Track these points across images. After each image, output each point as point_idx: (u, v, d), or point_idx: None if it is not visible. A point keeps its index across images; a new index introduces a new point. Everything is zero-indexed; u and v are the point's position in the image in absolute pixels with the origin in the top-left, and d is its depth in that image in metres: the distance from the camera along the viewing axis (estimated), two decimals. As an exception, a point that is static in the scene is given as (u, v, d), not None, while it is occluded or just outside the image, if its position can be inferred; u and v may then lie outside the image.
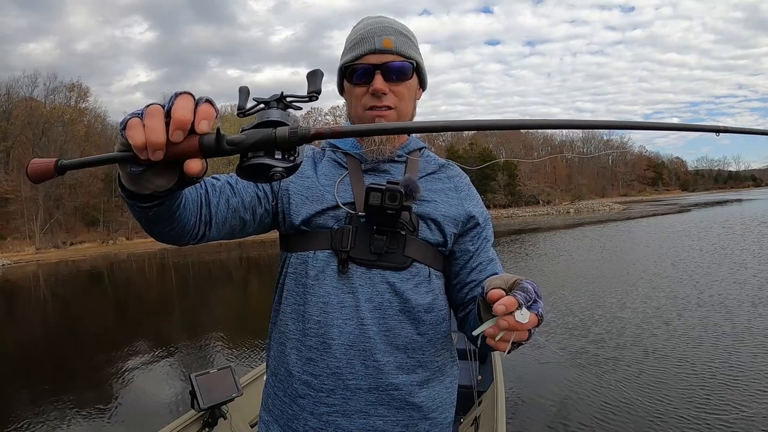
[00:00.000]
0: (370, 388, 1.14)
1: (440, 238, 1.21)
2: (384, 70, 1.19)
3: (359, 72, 1.21)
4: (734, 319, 7.71)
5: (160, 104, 0.66)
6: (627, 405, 5.06)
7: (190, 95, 0.66)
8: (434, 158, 1.36)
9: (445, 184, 1.29)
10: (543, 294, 0.87)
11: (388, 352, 1.15)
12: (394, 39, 1.21)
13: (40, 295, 20.20)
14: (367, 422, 1.14)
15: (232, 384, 3.23)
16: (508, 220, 51.93)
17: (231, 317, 10.14)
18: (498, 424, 2.98)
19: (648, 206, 62.46)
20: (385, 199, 1.10)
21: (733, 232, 21.41)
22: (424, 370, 1.19)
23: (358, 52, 1.20)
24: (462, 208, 1.26)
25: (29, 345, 10.39)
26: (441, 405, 1.23)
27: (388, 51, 1.20)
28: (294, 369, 1.18)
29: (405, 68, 1.21)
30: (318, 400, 1.15)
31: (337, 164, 1.28)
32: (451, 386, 1.28)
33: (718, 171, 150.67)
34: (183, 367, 7.52)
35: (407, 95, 1.24)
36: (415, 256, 1.18)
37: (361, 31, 1.23)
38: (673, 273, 12.52)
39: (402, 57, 1.21)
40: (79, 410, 6.02)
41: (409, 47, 1.24)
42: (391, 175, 1.25)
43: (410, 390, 1.16)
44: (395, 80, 1.21)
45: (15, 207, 46.79)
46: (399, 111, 1.23)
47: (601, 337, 7.44)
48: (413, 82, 1.26)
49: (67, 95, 56.80)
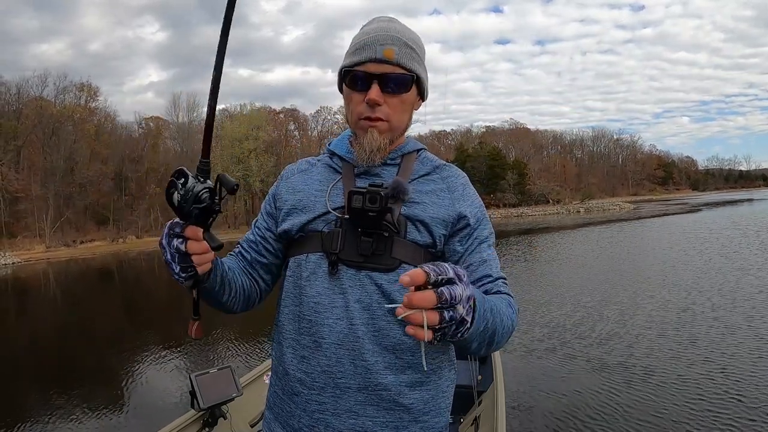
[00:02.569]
0: (360, 387, 1.15)
1: (429, 239, 1.20)
2: (382, 81, 1.19)
3: (357, 79, 1.21)
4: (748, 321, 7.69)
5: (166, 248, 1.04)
6: (627, 405, 5.05)
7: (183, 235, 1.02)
8: (431, 160, 1.34)
9: (437, 185, 1.28)
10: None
11: (376, 353, 1.15)
12: (397, 50, 1.20)
13: (50, 293, 20.37)
14: (356, 422, 1.14)
15: (232, 384, 3.22)
16: (518, 220, 51.85)
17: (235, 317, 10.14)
18: (498, 424, 2.97)
19: (658, 206, 62.17)
20: (366, 201, 1.11)
21: (746, 234, 21.27)
22: (414, 371, 1.17)
23: (359, 58, 1.20)
24: (452, 209, 1.23)
25: (37, 342, 10.50)
26: (434, 409, 1.21)
27: (389, 62, 1.19)
28: (290, 367, 1.22)
29: (403, 80, 1.21)
30: (310, 397, 1.17)
31: (333, 169, 1.32)
32: (447, 390, 1.26)
33: (729, 170, 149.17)
34: (183, 367, 7.56)
35: (402, 108, 1.24)
36: (403, 258, 1.18)
37: (365, 36, 1.23)
38: (684, 276, 12.47)
39: (402, 69, 1.20)
40: (80, 408, 6.07)
41: (411, 59, 1.22)
42: (382, 179, 1.25)
43: (399, 391, 1.15)
44: (392, 92, 1.21)
45: (25, 205, 47.12)
46: (392, 123, 1.23)
47: (603, 338, 7.42)
48: (411, 95, 1.25)
49: (77, 95, 57.05)
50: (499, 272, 1.23)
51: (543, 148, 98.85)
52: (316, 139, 74.23)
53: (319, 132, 76.46)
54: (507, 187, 68.99)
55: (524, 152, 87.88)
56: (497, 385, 3.61)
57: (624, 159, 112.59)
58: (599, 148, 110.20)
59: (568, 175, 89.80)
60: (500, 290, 1.19)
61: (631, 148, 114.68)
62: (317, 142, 73.25)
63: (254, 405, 3.52)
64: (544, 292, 11.26)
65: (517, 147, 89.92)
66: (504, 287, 1.20)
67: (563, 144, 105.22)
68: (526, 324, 8.37)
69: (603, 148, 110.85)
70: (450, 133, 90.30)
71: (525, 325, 8.33)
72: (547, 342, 7.42)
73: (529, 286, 12.13)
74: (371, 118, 1.21)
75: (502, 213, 61.77)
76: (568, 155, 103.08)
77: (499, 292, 1.18)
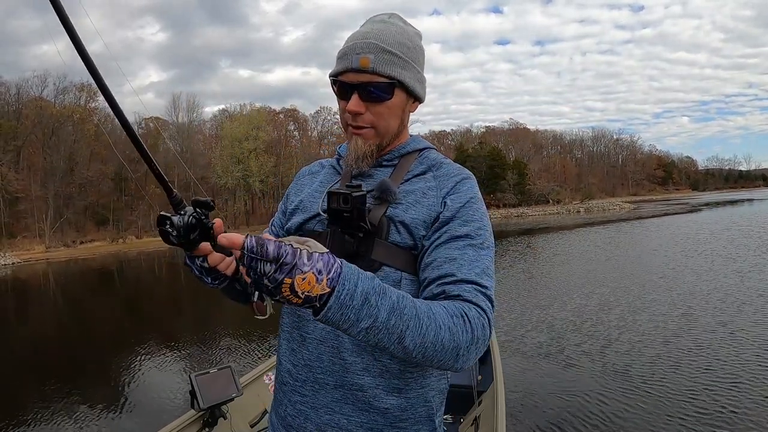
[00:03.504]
0: (336, 385, 1.16)
1: (410, 241, 1.17)
2: (361, 89, 1.18)
3: (339, 88, 1.22)
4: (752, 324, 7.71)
5: None
6: (627, 404, 5.05)
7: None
8: (432, 159, 1.31)
9: (427, 183, 1.24)
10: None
11: (355, 353, 1.15)
12: (372, 57, 1.17)
13: (50, 293, 20.36)
14: (332, 418, 1.16)
15: (232, 384, 3.22)
16: (518, 220, 51.84)
17: (235, 317, 10.15)
18: (498, 424, 2.96)
19: (659, 206, 62.18)
20: (339, 201, 1.13)
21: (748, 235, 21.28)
22: (393, 377, 1.16)
23: (339, 68, 1.20)
24: (435, 209, 1.19)
25: (37, 342, 10.48)
26: (412, 417, 1.18)
27: (365, 70, 1.17)
28: (283, 358, 1.28)
29: (381, 88, 1.19)
30: (294, 388, 1.22)
31: (336, 171, 1.37)
32: (432, 400, 1.22)
33: (729, 170, 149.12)
34: (183, 367, 7.56)
35: (388, 113, 1.22)
36: (383, 260, 1.17)
37: (348, 43, 1.21)
38: (685, 278, 12.49)
39: (381, 76, 1.17)
40: (81, 408, 6.08)
41: (391, 64, 1.19)
42: (375, 180, 1.25)
43: (375, 393, 1.15)
44: (373, 100, 1.19)
45: (25, 206, 47.13)
46: (378, 129, 1.23)
47: (604, 338, 7.42)
48: (395, 101, 1.22)
49: (77, 95, 56.97)
50: (472, 276, 1.08)
51: (543, 148, 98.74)
52: (315, 140, 74.23)
53: (318, 132, 76.44)
54: (507, 187, 69.00)
55: (524, 152, 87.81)
56: (497, 385, 3.60)
57: (624, 159, 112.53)
58: (599, 148, 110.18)
59: (568, 175, 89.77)
60: (461, 295, 1.04)
61: (630, 148, 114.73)
62: (317, 142, 73.26)
63: (254, 405, 3.52)
64: (545, 292, 11.29)
65: (516, 147, 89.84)
66: (470, 294, 1.04)
67: (563, 144, 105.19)
68: (526, 324, 8.38)
69: (603, 148, 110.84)
70: (450, 133, 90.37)
71: (525, 325, 8.34)
72: (548, 342, 7.42)
73: (530, 287, 12.15)
74: (354, 125, 1.22)
75: (502, 213, 61.80)
76: (568, 155, 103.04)
77: (459, 297, 1.04)
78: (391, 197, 1.18)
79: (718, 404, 4.91)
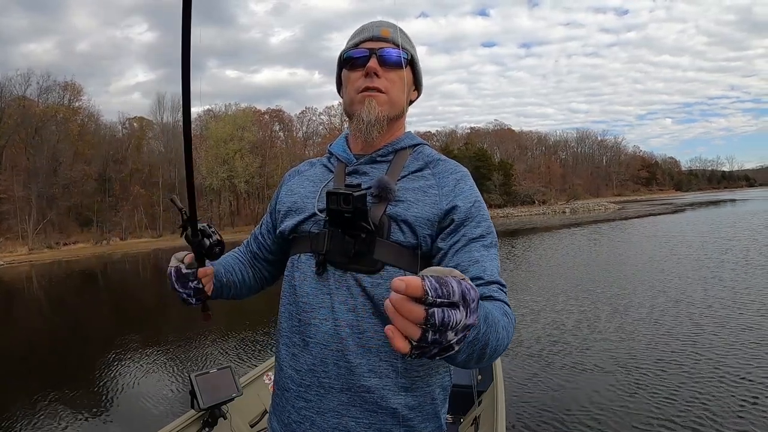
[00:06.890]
0: (342, 388, 1.15)
1: (413, 240, 1.17)
2: (379, 55, 1.25)
3: (356, 55, 1.27)
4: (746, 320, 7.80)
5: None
6: (627, 404, 5.08)
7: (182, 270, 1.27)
8: (427, 155, 1.32)
9: (427, 181, 1.24)
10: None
11: (360, 355, 1.15)
12: (392, 31, 1.27)
13: (34, 295, 20.09)
14: (339, 422, 1.15)
15: (232, 384, 3.20)
16: (504, 220, 51.95)
17: (231, 317, 10.10)
18: (498, 423, 2.97)
19: (643, 206, 62.70)
20: (340, 202, 1.11)
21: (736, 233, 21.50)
22: (399, 375, 1.16)
23: (358, 39, 1.28)
24: (440, 206, 1.19)
25: (24, 346, 10.32)
26: (420, 414, 1.18)
27: (385, 39, 1.26)
28: (283, 363, 1.26)
29: (399, 56, 1.25)
30: (298, 394, 1.20)
31: (328, 169, 1.37)
32: (438, 397, 1.22)
33: (712, 171, 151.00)
34: (183, 367, 7.50)
35: (399, 84, 1.28)
36: (385, 260, 1.16)
37: (365, 24, 1.32)
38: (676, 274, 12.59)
39: (398, 47, 1.25)
40: (77, 411, 6.00)
41: (406, 42, 1.29)
42: (370, 177, 1.25)
43: (382, 394, 1.14)
44: (389, 66, 1.25)
45: (7, 207, 46.45)
46: (391, 97, 1.26)
47: (602, 338, 7.47)
48: (407, 75, 1.30)
49: (61, 94, 56.26)
50: (495, 276, 1.12)
51: (527, 149, 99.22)
52: (301, 140, 73.96)
53: (304, 133, 76.17)
54: (493, 188, 69.13)
55: (509, 153, 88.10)
56: (497, 384, 3.62)
57: (608, 160, 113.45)
58: (584, 149, 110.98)
59: (553, 176, 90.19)
60: (493, 296, 1.07)
61: (615, 149, 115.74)
62: (302, 142, 73.01)
63: (254, 405, 3.50)
64: (541, 292, 11.28)
65: (501, 148, 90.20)
66: (499, 293, 1.08)
67: (548, 145, 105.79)
68: (526, 324, 8.40)
69: (587, 149, 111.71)
70: (435, 134, 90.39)
71: (525, 325, 8.36)
72: (547, 342, 7.44)
73: (524, 287, 12.16)
74: (370, 87, 1.24)
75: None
76: (553, 156, 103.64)
77: (492, 298, 1.06)
78: (390, 195, 1.17)
79: (718, 404, 4.95)
